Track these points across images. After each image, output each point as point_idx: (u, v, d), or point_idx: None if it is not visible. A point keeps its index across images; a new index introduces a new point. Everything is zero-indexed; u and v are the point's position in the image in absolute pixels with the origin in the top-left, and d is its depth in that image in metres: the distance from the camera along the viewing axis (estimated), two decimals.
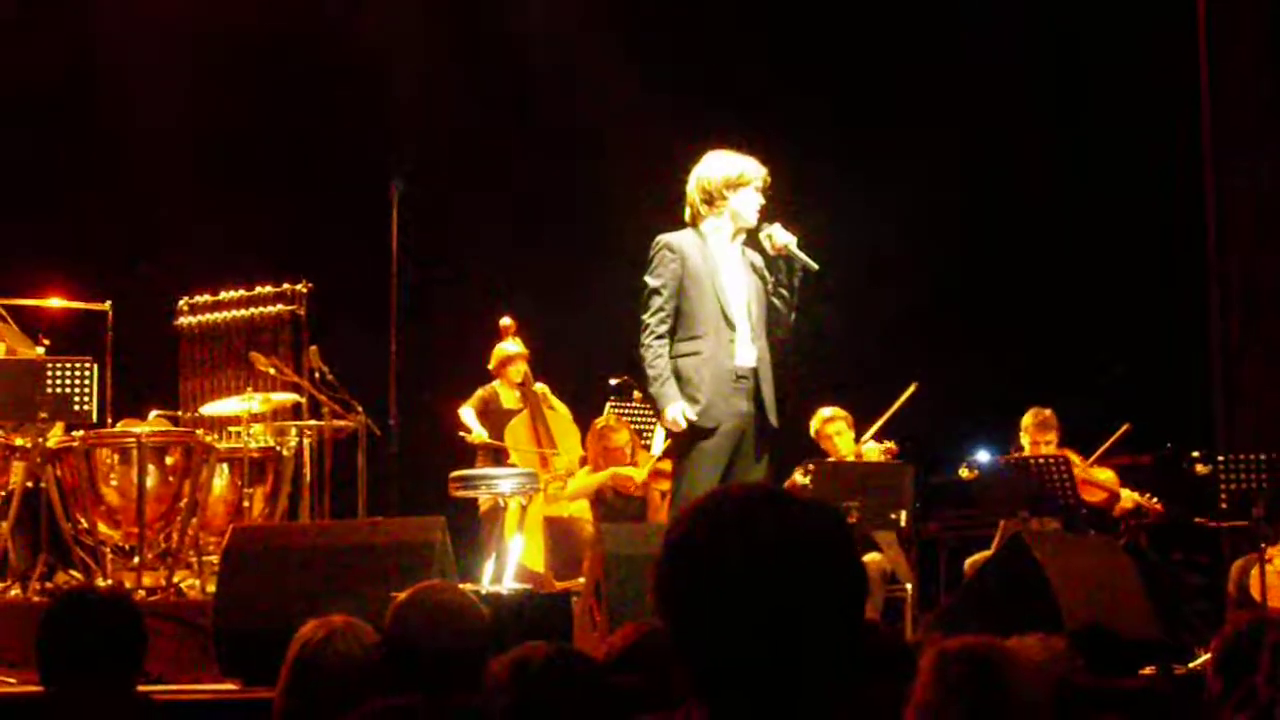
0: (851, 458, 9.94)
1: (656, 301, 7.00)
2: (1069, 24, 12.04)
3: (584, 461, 10.43)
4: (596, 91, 12.33)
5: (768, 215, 7.16)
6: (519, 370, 10.63)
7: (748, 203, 7.10)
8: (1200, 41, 11.43)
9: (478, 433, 10.44)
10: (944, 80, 12.13)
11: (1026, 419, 10.16)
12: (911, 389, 9.99)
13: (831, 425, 10.09)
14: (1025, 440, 10.15)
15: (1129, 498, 10.00)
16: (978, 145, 12.08)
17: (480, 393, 10.67)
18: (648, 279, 7.05)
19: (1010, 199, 12.10)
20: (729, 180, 7.10)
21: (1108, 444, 10.07)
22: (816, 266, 7.05)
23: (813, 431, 10.16)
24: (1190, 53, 11.47)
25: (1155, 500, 10.05)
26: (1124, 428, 10.08)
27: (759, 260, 7.18)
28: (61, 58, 12.04)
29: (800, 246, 7.07)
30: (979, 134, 12.06)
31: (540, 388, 10.66)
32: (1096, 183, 12.09)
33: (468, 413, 10.58)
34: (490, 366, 10.74)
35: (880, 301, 12.20)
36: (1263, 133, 11.41)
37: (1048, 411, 10.13)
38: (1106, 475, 10.09)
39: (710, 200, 7.12)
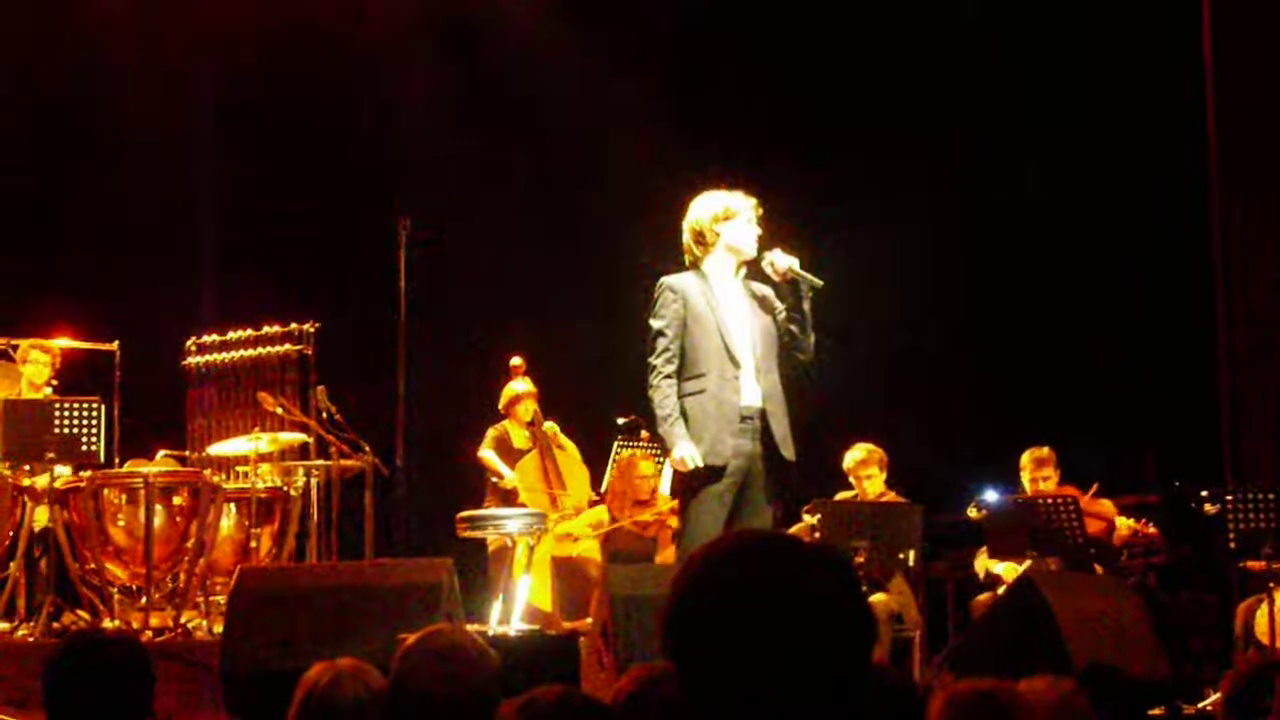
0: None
1: (662, 343, 7.01)
2: (1078, 36, 12.07)
3: (593, 504, 10.44)
4: (609, 127, 12.36)
5: (766, 244, 7.17)
6: (528, 409, 10.64)
7: (742, 234, 7.10)
8: (1206, 56, 11.47)
9: (510, 477, 10.41)
10: (950, 105, 12.16)
11: (1024, 458, 10.13)
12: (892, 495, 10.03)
13: (865, 469, 10.01)
14: (1024, 479, 10.12)
15: (1124, 525, 9.97)
16: (983, 182, 12.10)
17: (492, 432, 10.66)
18: (651, 321, 7.07)
19: (1019, 234, 12.11)
20: (715, 216, 7.12)
21: (1091, 490, 10.05)
22: (821, 283, 7.03)
23: (845, 467, 10.12)
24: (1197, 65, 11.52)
25: (1149, 525, 10.04)
26: (1093, 486, 10.06)
27: (766, 291, 7.16)
28: (69, 99, 12.10)
29: (803, 266, 7.07)
30: (982, 169, 12.08)
31: (550, 427, 10.66)
32: (1104, 217, 12.10)
33: (491, 455, 10.53)
34: (500, 406, 10.75)
35: (886, 336, 12.21)
36: (1271, 162, 11.41)
37: (1045, 450, 10.10)
38: (1103, 505, 10.06)
39: (702, 240, 7.14)
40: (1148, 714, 7.00)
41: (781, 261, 7.06)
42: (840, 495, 9.96)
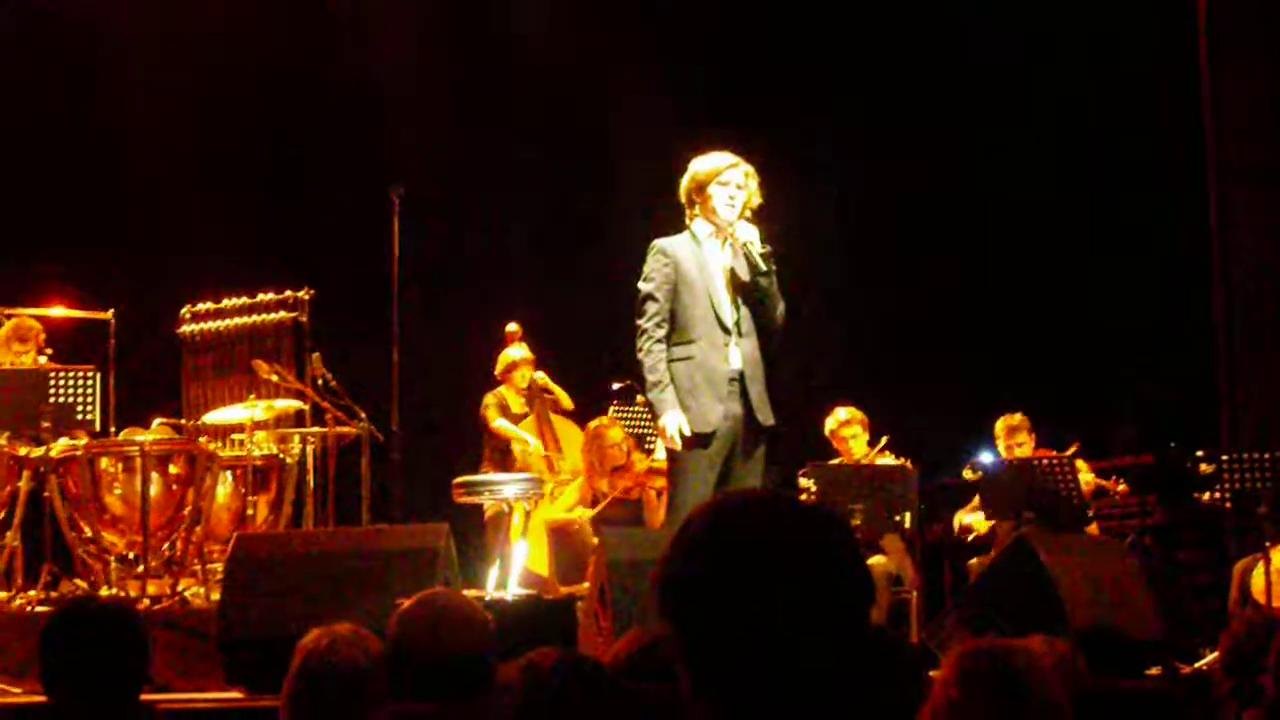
0: (864, 462, 9.92)
1: (652, 307, 7.00)
2: (1075, 26, 12.05)
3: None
4: (599, 94, 12.35)
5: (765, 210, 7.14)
6: (525, 375, 10.63)
7: (715, 199, 7.06)
8: (1201, 49, 11.44)
9: (535, 444, 10.39)
10: (942, 77, 12.13)
11: (998, 425, 10.20)
12: (884, 441, 10.02)
13: (847, 429, 10.07)
14: (1000, 447, 10.17)
15: (1084, 480, 9.93)
16: (977, 144, 12.08)
17: (491, 399, 10.62)
18: (641, 285, 7.06)
19: (1014, 197, 12.09)
20: (697, 180, 7.10)
21: (1069, 451, 10.07)
22: (764, 268, 6.99)
23: (827, 431, 10.15)
24: (1192, 54, 11.49)
25: (1120, 482, 10.09)
26: (1072, 447, 10.07)
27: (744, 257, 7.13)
28: (64, 68, 12.06)
29: (764, 240, 7.03)
30: (977, 133, 12.05)
31: (541, 377, 10.63)
32: (1098, 181, 12.08)
33: (508, 424, 10.47)
34: (496, 372, 10.73)
35: (882, 300, 12.20)
36: (1265, 128, 11.40)
37: (1018, 416, 10.17)
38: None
39: (691, 203, 7.14)
40: (1144, 674, 7.01)
41: (740, 234, 7.04)
42: (829, 462, 9.97)
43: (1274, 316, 11.32)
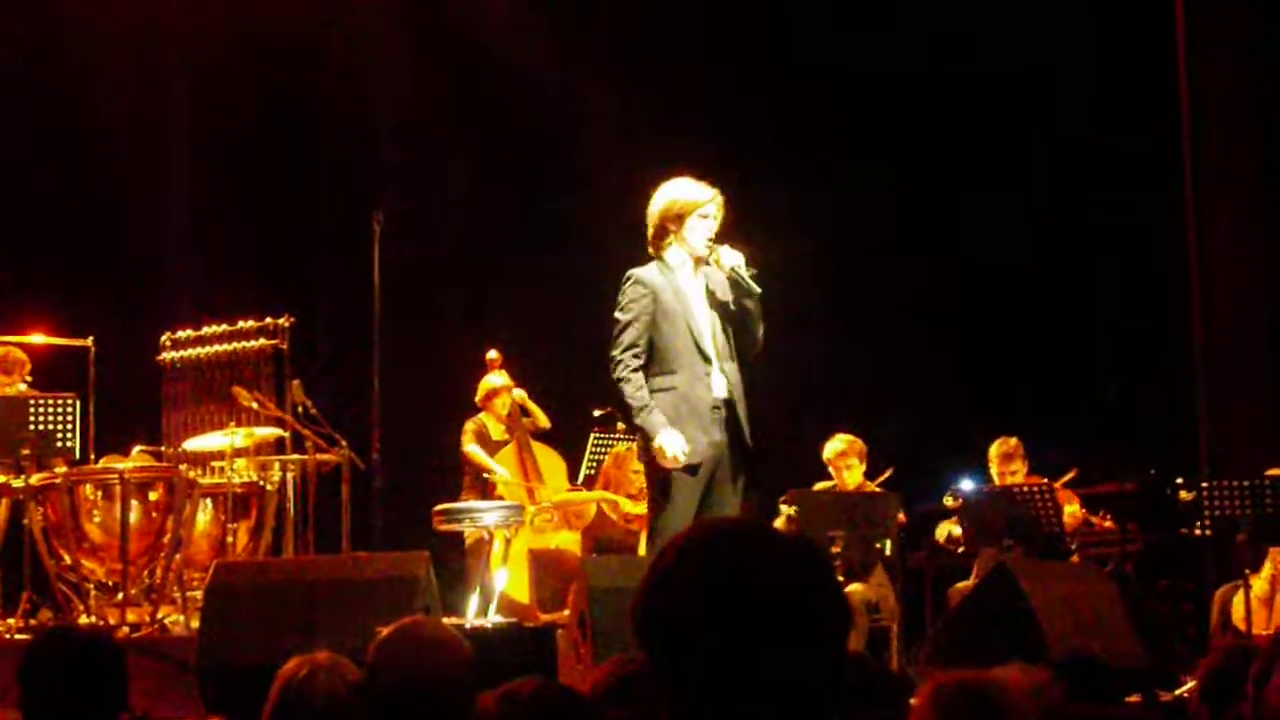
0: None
1: (629, 336, 6.94)
2: (1056, 29, 12.10)
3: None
4: (581, 121, 12.36)
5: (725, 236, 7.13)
6: (505, 403, 10.62)
7: (694, 230, 7.03)
8: (1180, 63, 11.48)
9: (501, 473, 10.38)
10: (922, 91, 12.16)
11: (992, 450, 10.16)
12: (885, 475, 10.06)
13: (844, 459, 10.02)
14: (992, 471, 10.15)
15: (1069, 513, 9.89)
16: (961, 169, 12.09)
17: (470, 426, 10.62)
18: (619, 315, 7.00)
19: (998, 222, 12.11)
20: (670, 211, 7.05)
21: (1064, 479, 10.08)
22: (758, 290, 6.97)
23: (824, 457, 10.13)
24: (1171, 72, 11.52)
25: (1107, 518, 10.09)
26: (1070, 474, 10.09)
27: (722, 279, 7.10)
28: (44, 96, 12.06)
29: (749, 263, 7.01)
30: (961, 156, 12.06)
31: (519, 394, 10.62)
32: (1081, 210, 12.11)
33: (478, 450, 10.47)
34: (477, 399, 10.73)
35: (866, 325, 12.21)
36: (1245, 158, 11.45)
37: (1013, 441, 10.13)
38: (1064, 494, 10.09)
39: (663, 234, 7.08)
40: (1124, 701, 7.01)
41: (726, 259, 7.01)
42: (819, 485, 9.98)
43: (1255, 342, 11.36)
